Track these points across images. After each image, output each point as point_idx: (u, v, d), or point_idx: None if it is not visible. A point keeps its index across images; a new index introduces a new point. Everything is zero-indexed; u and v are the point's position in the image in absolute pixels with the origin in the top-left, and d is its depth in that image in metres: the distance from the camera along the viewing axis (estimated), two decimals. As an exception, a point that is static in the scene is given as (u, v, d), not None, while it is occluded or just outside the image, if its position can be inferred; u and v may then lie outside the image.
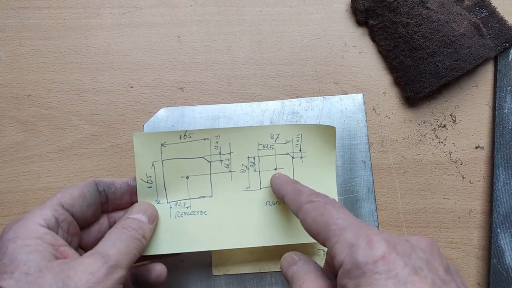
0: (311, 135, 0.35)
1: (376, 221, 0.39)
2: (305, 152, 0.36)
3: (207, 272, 0.38)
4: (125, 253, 0.28)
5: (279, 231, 0.35)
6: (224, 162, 0.35)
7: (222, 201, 0.35)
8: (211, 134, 0.34)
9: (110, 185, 0.33)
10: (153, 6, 0.43)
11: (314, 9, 0.44)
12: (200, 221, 0.34)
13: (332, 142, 0.35)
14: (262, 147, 0.35)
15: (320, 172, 0.36)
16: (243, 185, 0.35)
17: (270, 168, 0.35)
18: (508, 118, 0.41)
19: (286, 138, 0.35)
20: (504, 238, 0.39)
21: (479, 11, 0.42)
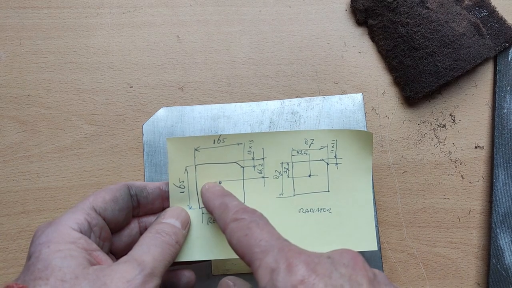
0: (347, 141, 0.34)
1: (376, 221, 0.39)
2: (341, 159, 0.34)
3: (207, 272, 0.38)
4: (160, 260, 0.27)
5: (313, 239, 0.34)
6: (257, 168, 0.34)
7: (255, 207, 0.34)
8: (244, 139, 0.34)
9: (142, 190, 0.32)
10: (153, 6, 0.43)
11: (313, 9, 0.44)
12: None
13: (369, 149, 0.34)
14: (296, 152, 0.34)
15: (355, 179, 0.34)
16: (276, 191, 0.34)
17: (304, 175, 0.34)
18: (507, 118, 0.41)
19: (321, 144, 0.34)
20: (503, 238, 0.39)
21: (479, 11, 0.42)
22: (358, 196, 0.34)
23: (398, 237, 0.40)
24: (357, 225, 0.34)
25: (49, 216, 0.40)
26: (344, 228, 0.34)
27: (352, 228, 0.34)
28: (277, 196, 0.34)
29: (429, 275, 0.39)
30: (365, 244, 0.34)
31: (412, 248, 0.40)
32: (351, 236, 0.34)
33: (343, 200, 0.34)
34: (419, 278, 0.39)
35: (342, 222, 0.34)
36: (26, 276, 0.24)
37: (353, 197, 0.34)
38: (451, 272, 0.39)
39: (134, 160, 0.41)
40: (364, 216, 0.34)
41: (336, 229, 0.34)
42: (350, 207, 0.34)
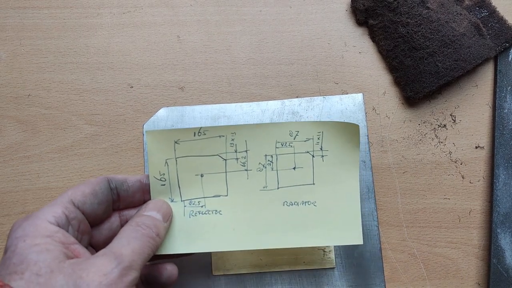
0: (333, 133, 0.34)
1: (376, 221, 0.39)
2: (327, 151, 0.34)
3: (207, 272, 0.38)
4: (139, 253, 0.27)
5: (297, 232, 0.33)
6: (240, 160, 0.34)
7: (238, 201, 0.34)
8: (226, 131, 0.33)
9: (123, 183, 0.32)
10: (153, 6, 0.43)
11: (314, 9, 0.44)
12: (214, 221, 0.33)
13: (356, 141, 0.33)
14: (280, 145, 0.34)
15: (342, 172, 0.34)
16: (259, 184, 0.34)
17: (288, 167, 0.34)
18: (508, 118, 0.41)
19: (306, 136, 0.34)
20: (504, 238, 0.39)
21: (479, 11, 0.42)
22: (344, 189, 0.34)
23: (398, 237, 0.40)
24: (343, 219, 0.33)
25: (49, 216, 0.40)
26: (329, 221, 0.33)
27: (337, 221, 0.33)
28: (260, 189, 0.34)
29: (429, 275, 0.39)
30: (350, 238, 0.33)
31: (413, 248, 0.40)
32: (336, 229, 0.33)
33: (328, 193, 0.34)
34: (419, 278, 0.39)
35: (327, 216, 0.33)
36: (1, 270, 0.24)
37: (339, 190, 0.34)
38: (451, 272, 0.39)
39: (134, 160, 0.41)
40: (350, 209, 0.33)
41: (321, 223, 0.33)
42: (336, 200, 0.34)
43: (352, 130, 0.33)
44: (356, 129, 0.33)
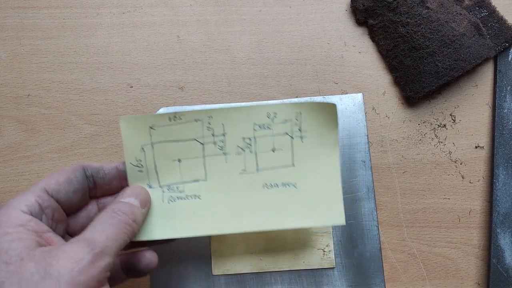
0: (312, 114, 0.33)
1: (376, 220, 0.39)
2: (306, 132, 0.33)
3: (207, 272, 0.38)
4: (114, 239, 0.27)
5: (278, 215, 0.33)
6: (218, 144, 0.34)
7: (217, 185, 0.34)
8: (202, 115, 0.33)
9: (99, 170, 0.31)
10: (153, 6, 0.43)
11: (313, 9, 0.44)
12: (194, 206, 0.33)
13: (334, 120, 0.33)
14: (258, 127, 0.33)
15: (322, 152, 0.34)
16: (238, 167, 0.34)
17: (267, 150, 0.34)
18: (508, 118, 0.41)
19: (284, 117, 0.33)
20: (504, 238, 0.39)
21: (479, 11, 0.42)
22: (324, 170, 0.33)
23: (398, 237, 0.40)
24: (324, 200, 0.33)
25: (49, 216, 0.40)
26: (310, 203, 0.33)
27: (318, 203, 0.33)
28: (239, 172, 0.34)
29: (429, 275, 0.39)
30: (332, 219, 0.33)
31: (413, 248, 0.40)
32: (318, 211, 0.33)
33: (308, 175, 0.33)
34: (419, 278, 0.39)
35: (308, 197, 0.33)
36: None
37: (319, 171, 0.33)
38: (451, 272, 0.39)
39: (134, 160, 0.41)
40: (331, 190, 0.33)
41: (302, 204, 0.33)
42: (317, 181, 0.33)
43: (330, 110, 0.33)
44: (334, 109, 0.33)
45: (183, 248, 0.39)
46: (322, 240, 0.39)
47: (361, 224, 0.39)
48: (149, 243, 0.33)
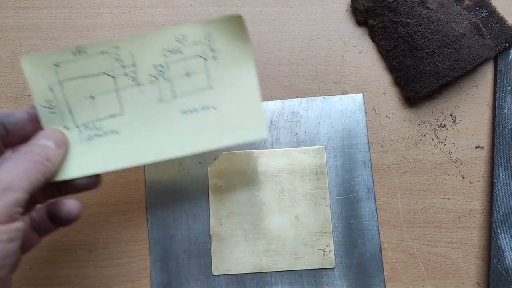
0: (222, 31, 0.32)
1: (376, 221, 0.39)
2: (219, 51, 0.32)
3: (207, 272, 0.38)
4: (23, 177, 0.26)
5: (200, 138, 0.33)
6: (129, 76, 0.32)
7: (135, 117, 0.33)
8: (107, 46, 0.32)
9: (9, 116, 0.30)
10: (153, 6, 0.43)
11: (314, 9, 0.44)
12: (113, 141, 0.33)
13: (244, 34, 0.32)
14: (168, 52, 0.32)
15: (238, 69, 0.33)
16: (154, 96, 0.33)
17: (181, 75, 0.33)
18: (508, 118, 0.41)
19: (194, 39, 0.32)
20: (504, 238, 0.39)
21: (479, 11, 0.42)
22: (242, 86, 0.33)
23: (398, 237, 0.40)
24: (245, 116, 0.33)
25: (49, 216, 0.40)
26: (232, 121, 0.33)
27: (240, 120, 0.33)
28: (156, 101, 0.33)
29: (429, 275, 0.39)
30: (255, 133, 0.33)
31: (413, 248, 0.40)
32: (241, 128, 0.33)
33: (227, 94, 0.33)
34: (419, 278, 0.39)
35: (229, 116, 0.33)
36: None
37: (237, 89, 0.33)
38: (451, 272, 0.39)
39: (135, 160, 0.41)
40: (252, 106, 0.33)
41: (224, 124, 0.33)
42: (236, 99, 0.33)
43: (238, 23, 0.32)
44: (241, 21, 0.32)
45: (183, 248, 0.39)
46: (322, 240, 0.39)
47: (361, 224, 0.39)
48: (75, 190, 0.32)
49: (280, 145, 0.40)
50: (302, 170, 0.40)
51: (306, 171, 0.40)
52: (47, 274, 0.39)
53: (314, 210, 0.39)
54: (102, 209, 0.40)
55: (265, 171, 0.40)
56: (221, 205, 0.39)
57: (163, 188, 0.40)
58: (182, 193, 0.40)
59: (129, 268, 0.39)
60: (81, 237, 0.39)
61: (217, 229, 0.39)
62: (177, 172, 0.40)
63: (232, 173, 0.40)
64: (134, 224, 0.40)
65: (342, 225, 0.39)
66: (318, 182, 0.40)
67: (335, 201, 0.40)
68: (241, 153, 0.40)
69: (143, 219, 0.40)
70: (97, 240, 0.39)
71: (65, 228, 0.39)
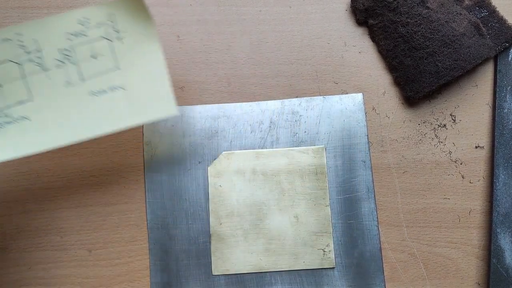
0: (124, 11, 0.33)
1: (376, 220, 0.39)
2: (123, 32, 0.33)
3: (207, 272, 0.38)
4: None
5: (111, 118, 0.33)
6: (35, 61, 0.33)
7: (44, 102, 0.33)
8: (9, 33, 0.32)
9: None
10: (153, 5, 0.43)
11: (314, 8, 0.44)
12: (24, 128, 0.33)
13: (146, 13, 0.33)
14: (72, 36, 0.33)
15: (144, 49, 0.34)
16: (62, 80, 0.33)
17: (88, 57, 0.33)
18: (508, 118, 0.41)
19: (97, 21, 0.33)
20: (504, 238, 0.39)
21: (479, 11, 0.42)
22: (149, 65, 0.33)
23: (398, 237, 0.40)
24: (154, 95, 0.33)
25: (49, 216, 0.40)
26: (141, 101, 0.33)
27: (149, 99, 0.33)
28: (64, 85, 0.33)
29: (429, 275, 0.39)
30: (164, 111, 0.34)
31: (413, 248, 0.40)
32: (149, 107, 0.34)
33: (134, 74, 0.33)
34: (419, 278, 0.39)
35: (138, 96, 0.33)
36: None
37: (144, 67, 0.34)
38: (451, 272, 0.39)
39: (134, 160, 0.41)
40: (160, 85, 0.34)
41: (134, 104, 0.33)
42: (143, 78, 0.34)
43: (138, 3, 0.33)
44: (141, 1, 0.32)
45: (182, 248, 0.39)
46: (322, 240, 0.39)
47: (361, 224, 0.39)
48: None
49: (280, 145, 0.40)
50: (302, 170, 0.40)
51: (306, 171, 0.40)
52: (47, 274, 0.39)
53: (314, 210, 0.39)
54: (102, 209, 0.40)
55: (265, 171, 0.40)
56: (221, 205, 0.39)
57: (163, 188, 0.40)
58: (182, 193, 0.40)
59: (128, 268, 0.39)
60: (81, 237, 0.40)
61: (216, 229, 0.39)
62: (177, 172, 0.40)
63: (232, 173, 0.40)
64: (134, 224, 0.40)
65: (342, 225, 0.39)
66: (318, 182, 0.40)
67: (335, 201, 0.40)
68: (241, 153, 0.40)
69: (143, 219, 0.40)
70: (97, 240, 0.40)
71: (65, 228, 0.40)
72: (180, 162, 0.40)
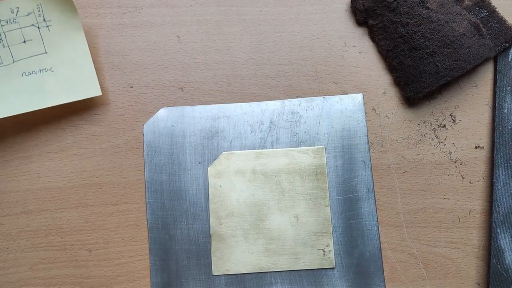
0: (51, 3, 0.38)
1: (376, 221, 0.39)
2: (50, 21, 0.38)
3: (207, 272, 0.38)
4: None
5: (39, 97, 0.38)
6: None
7: None
8: None
9: None
10: (153, 6, 0.43)
11: (314, 9, 0.44)
12: None
13: (70, 5, 0.38)
14: (5, 22, 0.38)
15: (69, 38, 0.39)
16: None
17: (19, 41, 0.38)
18: (508, 118, 0.41)
19: (27, 10, 0.38)
20: (504, 238, 0.39)
21: (479, 11, 0.42)
22: (75, 52, 0.39)
23: (398, 237, 0.40)
24: (80, 78, 0.39)
25: (49, 216, 0.40)
26: (68, 82, 0.38)
27: (75, 81, 0.38)
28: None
29: (429, 275, 0.39)
30: (89, 92, 0.39)
31: (412, 248, 0.40)
32: (75, 88, 0.39)
33: (62, 58, 0.39)
34: (419, 278, 0.39)
35: (65, 78, 0.38)
36: None
37: (70, 53, 0.39)
38: (451, 272, 0.39)
39: (134, 160, 0.41)
40: (84, 68, 0.39)
41: (61, 85, 0.38)
42: (70, 62, 0.39)
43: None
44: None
45: (183, 248, 0.39)
46: (322, 240, 0.39)
47: (361, 224, 0.39)
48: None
49: (280, 145, 0.40)
50: (302, 170, 0.40)
51: (306, 171, 0.40)
52: (47, 274, 0.39)
53: (314, 210, 0.39)
54: (102, 209, 0.40)
55: (265, 171, 0.40)
56: (221, 205, 0.39)
57: (163, 188, 0.40)
58: (182, 193, 0.40)
59: (128, 268, 0.39)
60: (81, 237, 0.40)
61: (217, 229, 0.39)
62: (177, 172, 0.40)
63: (232, 173, 0.40)
64: (134, 224, 0.40)
65: (342, 225, 0.39)
66: (318, 182, 0.40)
67: (335, 201, 0.40)
68: (241, 153, 0.40)
69: (143, 219, 0.40)
70: (97, 240, 0.40)
71: (65, 228, 0.40)
72: (180, 162, 0.40)
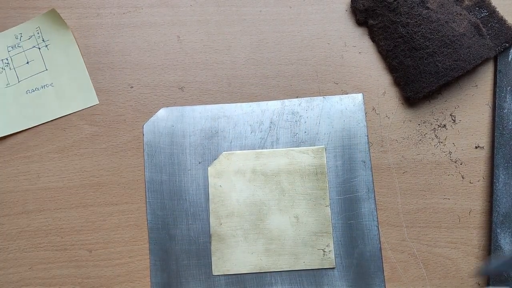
0: (48, 25, 0.42)
1: (376, 221, 0.39)
2: (48, 41, 0.42)
3: (207, 272, 0.38)
4: None
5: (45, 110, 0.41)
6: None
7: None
8: None
9: None
10: (153, 6, 0.43)
11: (314, 9, 0.44)
12: None
13: (62, 23, 0.42)
14: (11, 48, 0.42)
15: (65, 53, 0.42)
16: (3, 83, 0.42)
17: (23, 63, 0.42)
18: (508, 118, 0.41)
19: (28, 34, 0.42)
20: (504, 238, 0.39)
21: (479, 11, 0.42)
22: (71, 65, 0.42)
23: (398, 237, 0.40)
24: (78, 90, 0.41)
25: (49, 216, 0.40)
26: (68, 95, 0.41)
27: (74, 93, 0.41)
28: (5, 87, 0.41)
29: (429, 275, 0.39)
30: (87, 102, 0.41)
31: (413, 248, 0.40)
32: (76, 99, 0.41)
33: (60, 73, 0.42)
34: (419, 278, 0.39)
35: (64, 91, 0.41)
36: None
37: (68, 67, 0.42)
38: (451, 272, 0.39)
39: (135, 160, 0.41)
40: (81, 80, 0.41)
41: (62, 98, 0.41)
42: (68, 77, 0.41)
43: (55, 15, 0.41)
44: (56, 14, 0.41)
45: (183, 248, 0.39)
46: (322, 240, 0.39)
47: (361, 224, 0.39)
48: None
49: (280, 145, 0.40)
50: (302, 170, 0.40)
51: (306, 171, 0.40)
52: (47, 274, 0.39)
53: (314, 210, 0.39)
54: (102, 209, 0.40)
55: (265, 171, 0.40)
56: (221, 205, 0.39)
57: (163, 188, 0.40)
58: (182, 193, 0.40)
59: (128, 268, 0.39)
60: (81, 237, 0.40)
61: (217, 229, 0.39)
62: (177, 172, 0.40)
63: (232, 173, 0.40)
64: (134, 224, 0.40)
65: (342, 225, 0.39)
66: (318, 182, 0.40)
67: (335, 201, 0.40)
68: (241, 153, 0.40)
69: (143, 219, 0.40)
70: (97, 240, 0.40)
71: (65, 228, 0.40)
72: (180, 162, 0.40)
